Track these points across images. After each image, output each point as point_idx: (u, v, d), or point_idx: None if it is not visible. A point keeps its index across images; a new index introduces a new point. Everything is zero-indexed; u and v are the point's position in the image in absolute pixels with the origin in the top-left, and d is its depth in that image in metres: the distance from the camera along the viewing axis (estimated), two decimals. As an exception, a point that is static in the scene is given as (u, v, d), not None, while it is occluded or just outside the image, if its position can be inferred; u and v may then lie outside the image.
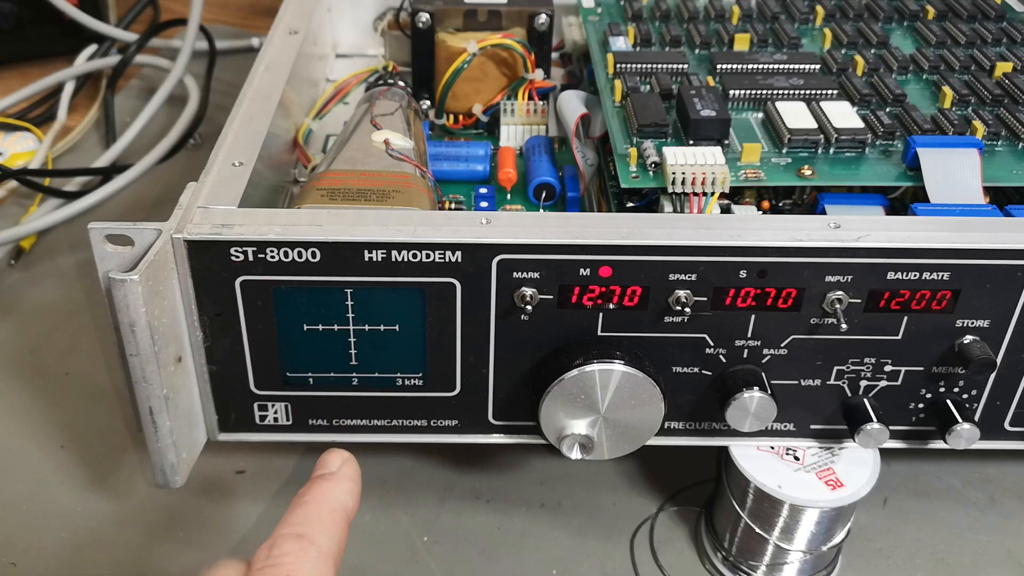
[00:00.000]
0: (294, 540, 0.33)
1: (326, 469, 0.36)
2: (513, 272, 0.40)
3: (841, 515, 0.44)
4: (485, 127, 0.61)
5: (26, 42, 0.86)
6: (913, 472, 0.52)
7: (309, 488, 0.35)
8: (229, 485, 0.51)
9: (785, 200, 0.49)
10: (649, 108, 0.49)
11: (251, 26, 0.96)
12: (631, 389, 0.42)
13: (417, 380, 0.44)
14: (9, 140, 0.77)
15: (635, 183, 0.46)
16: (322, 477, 0.36)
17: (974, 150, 0.46)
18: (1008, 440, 0.46)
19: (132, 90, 0.85)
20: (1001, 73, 0.54)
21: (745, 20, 0.62)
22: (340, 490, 0.35)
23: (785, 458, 0.45)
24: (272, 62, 0.54)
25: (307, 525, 0.33)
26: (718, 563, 0.47)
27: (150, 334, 0.38)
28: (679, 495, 0.50)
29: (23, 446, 0.52)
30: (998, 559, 0.48)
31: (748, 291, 0.41)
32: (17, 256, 0.66)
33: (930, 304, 0.41)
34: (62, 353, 0.58)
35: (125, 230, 0.39)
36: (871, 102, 0.52)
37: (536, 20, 0.60)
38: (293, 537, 0.33)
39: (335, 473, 0.36)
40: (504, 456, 0.52)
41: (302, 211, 0.42)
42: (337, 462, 0.37)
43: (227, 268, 0.40)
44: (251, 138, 0.47)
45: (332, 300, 0.41)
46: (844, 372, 0.43)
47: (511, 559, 0.47)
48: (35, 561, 0.47)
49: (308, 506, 0.34)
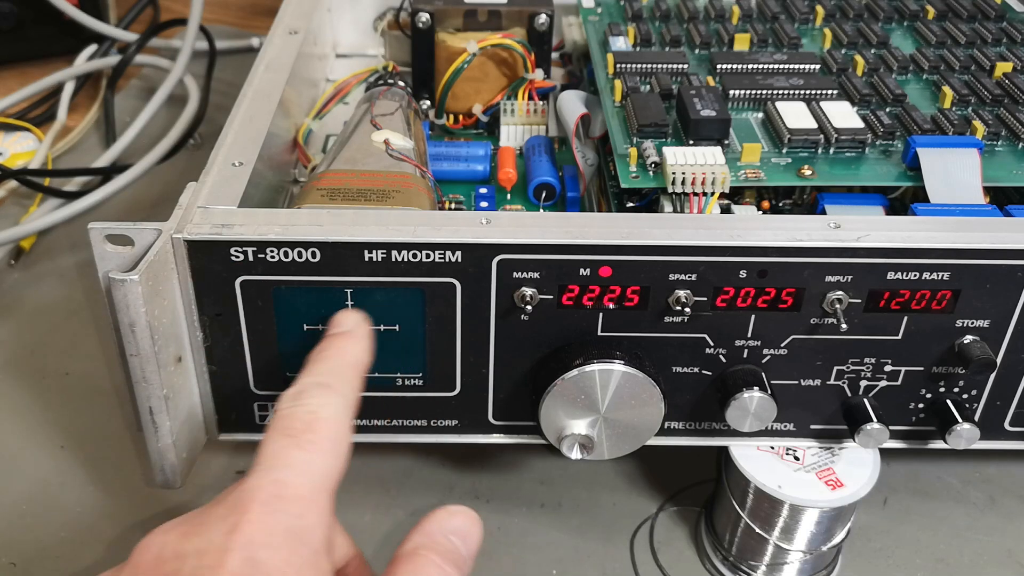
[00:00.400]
0: (318, 387, 0.35)
1: (341, 327, 0.39)
2: (513, 272, 0.40)
3: (841, 515, 0.44)
4: (485, 127, 0.61)
5: (26, 42, 0.86)
6: (913, 472, 0.52)
7: (329, 344, 0.38)
8: (229, 485, 0.51)
9: (785, 200, 0.49)
10: (649, 108, 0.49)
11: (251, 26, 0.96)
12: (631, 389, 0.42)
13: (417, 380, 0.44)
14: (9, 140, 0.77)
15: (635, 183, 0.46)
16: (340, 335, 0.38)
17: (974, 150, 0.46)
18: (1008, 440, 0.46)
19: (132, 90, 0.85)
20: (1001, 73, 0.54)
21: (745, 20, 0.62)
22: (357, 347, 0.38)
23: (785, 458, 0.45)
24: (272, 62, 0.54)
25: (328, 375, 0.36)
26: (718, 563, 0.47)
27: (150, 334, 0.38)
28: (679, 495, 0.50)
29: (23, 446, 0.52)
30: (998, 559, 0.48)
31: (748, 291, 0.41)
32: (17, 256, 0.66)
33: (930, 304, 0.41)
34: (62, 353, 0.58)
35: (125, 230, 0.39)
36: (871, 102, 0.52)
37: (536, 20, 0.60)
38: (316, 385, 0.35)
39: (351, 331, 0.39)
40: (504, 456, 0.52)
41: (302, 211, 0.42)
42: (351, 322, 0.39)
43: (227, 268, 0.40)
44: (251, 138, 0.47)
45: (332, 300, 0.41)
46: (844, 372, 0.43)
47: (511, 559, 0.47)
48: (35, 561, 0.47)
49: (329, 360, 0.37)
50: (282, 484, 0.32)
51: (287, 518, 0.31)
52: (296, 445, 0.33)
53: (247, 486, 0.32)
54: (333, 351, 0.38)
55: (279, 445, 0.33)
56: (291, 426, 0.33)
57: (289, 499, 0.32)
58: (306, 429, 0.33)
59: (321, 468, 0.33)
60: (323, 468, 0.33)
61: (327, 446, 0.33)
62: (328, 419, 0.34)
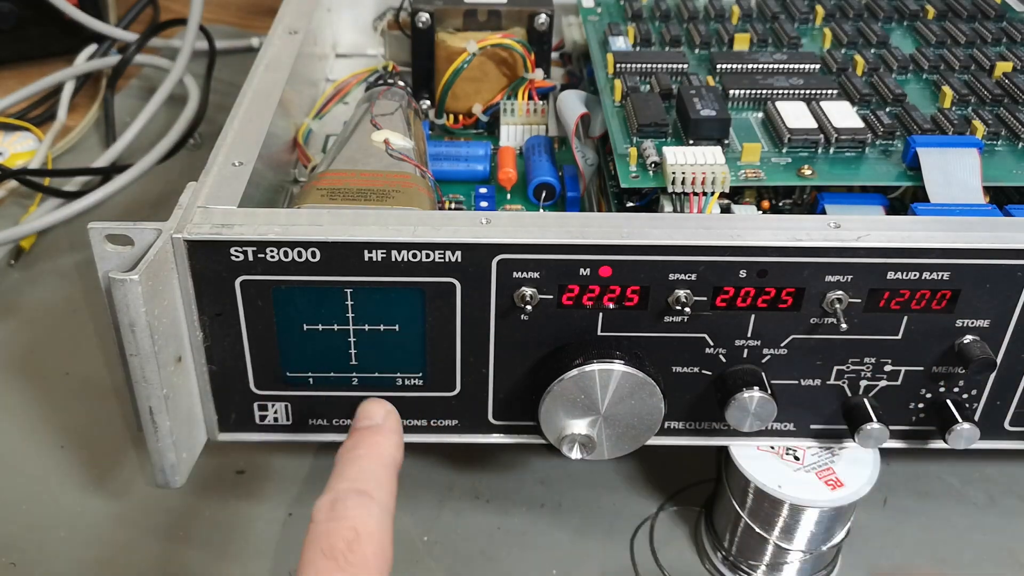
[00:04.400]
0: (356, 496, 0.33)
1: (370, 420, 0.37)
2: (513, 272, 0.40)
3: (841, 515, 0.44)
4: (485, 127, 0.61)
5: (26, 42, 0.86)
6: (913, 472, 0.52)
7: (359, 442, 0.36)
8: (229, 485, 0.51)
9: (785, 200, 0.49)
10: (649, 108, 0.49)
11: (251, 26, 0.96)
12: (631, 389, 0.42)
13: (417, 380, 0.44)
14: (9, 140, 0.77)
15: (635, 183, 0.46)
16: (369, 430, 0.36)
17: (974, 150, 0.46)
18: (1008, 440, 0.46)
19: (132, 90, 0.85)
20: (1001, 73, 0.54)
21: (745, 20, 0.62)
22: (389, 444, 0.36)
23: (785, 458, 0.45)
24: (272, 62, 0.54)
25: (365, 481, 0.34)
26: (718, 563, 0.47)
27: (150, 334, 0.38)
28: (679, 495, 0.50)
29: (23, 446, 0.52)
30: (998, 559, 0.48)
31: (748, 291, 0.41)
32: (17, 256, 0.66)
33: (930, 304, 0.41)
34: (62, 353, 0.58)
35: (125, 230, 0.39)
36: (871, 102, 0.52)
37: (536, 20, 0.60)
38: (354, 493, 0.33)
39: (381, 426, 0.36)
40: (504, 456, 0.52)
41: (302, 211, 0.42)
42: (380, 413, 0.37)
43: (227, 268, 0.40)
44: (251, 138, 0.47)
45: (332, 300, 0.41)
46: (844, 372, 0.43)
47: (511, 559, 0.47)
48: (35, 561, 0.47)
49: (362, 460, 0.35)
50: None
51: None
52: (339, 568, 0.31)
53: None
54: (365, 450, 0.35)
55: (322, 567, 0.31)
56: (334, 546, 0.31)
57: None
58: (349, 550, 0.31)
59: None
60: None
61: (373, 564, 0.32)
62: (371, 534, 0.32)
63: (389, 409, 0.37)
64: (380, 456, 0.35)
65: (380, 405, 0.37)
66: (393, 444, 0.36)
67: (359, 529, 0.32)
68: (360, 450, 0.35)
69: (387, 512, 0.33)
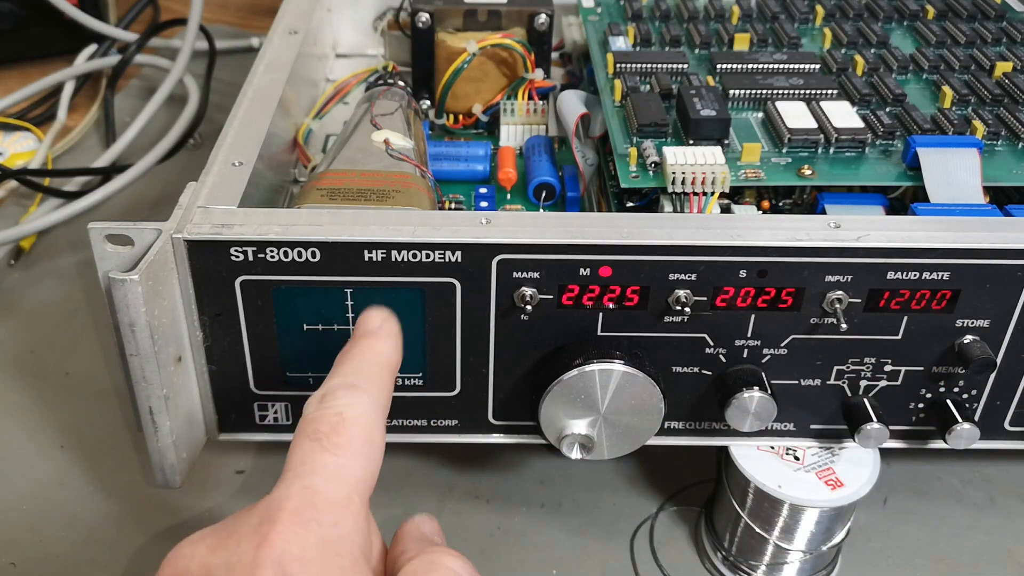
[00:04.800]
0: (345, 388, 0.34)
1: (368, 326, 0.37)
2: (513, 272, 0.40)
3: (841, 515, 0.44)
4: (485, 127, 0.61)
5: (26, 42, 0.86)
6: (913, 472, 0.52)
7: (355, 344, 0.36)
8: (229, 485, 0.51)
9: (785, 200, 0.49)
10: (649, 108, 0.49)
11: (251, 26, 0.96)
12: (631, 389, 0.42)
13: (417, 380, 0.44)
14: (9, 140, 0.77)
15: (635, 183, 0.46)
16: (365, 335, 0.37)
17: (974, 150, 0.46)
18: (1008, 440, 0.46)
19: (132, 90, 0.85)
20: (1001, 73, 0.54)
21: (745, 20, 0.62)
22: (385, 345, 0.36)
23: (785, 458, 0.45)
24: (272, 62, 0.54)
25: (356, 375, 0.34)
26: (718, 563, 0.47)
27: (150, 334, 0.38)
28: (679, 495, 0.50)
29: (23, 446, 0.52)
30: (998, 559, 0.48)
31: (748, 291, 0.41)
32: (17, 256, 0.66)
33: (930, 304, 0.41)
34: (62, 353, 0.58)
35: (125, 230, 0.39)
36: (871, 102, 0.52)
37: (536, 20, 0.60)
38: (344, 386, 0.34)
39: (378, 330, 0.37)
40: (504, 456, 0.52)
41: (302, 211, 0.42)
42: (378, 320, 0.37)
43: (227, 268, 0.40)
44: (251, 138, 0.47)
45: (332, 300, 0.41)
46: (844, 372, 0.43)
47: (511, 559, 0.47)
48: (35, 561, 0.47)
49: (356, 360, 0.35)
50: (312, 491, 0.30)
51: (320, 528, 0.30)
52: (324, 449, 0.31)
53: (276, 495, 0.30)
54: (359, 350, 0.36)
55: (306, 450, 0.32)
56: (318, 429, 0.32)
57: (322, 507, 0.30)
58: (333, 432, 0.32)
59: (353, 471, 0.32)
60: (355, 471, 0.32)
61: (357, 447, 0.32)
62: (357, 419, 0.33)
63: (386, 315, 0.38)
64: (375, 356, 0.36)
65: (378, 312, 0.38)
66: (389, 346, 0.37)
67: (344, 414, 0.32)
68: (355, 351, 0.36)
69: (377, 403, 0.34)
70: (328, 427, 0.32)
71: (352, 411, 0.33)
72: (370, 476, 0.32)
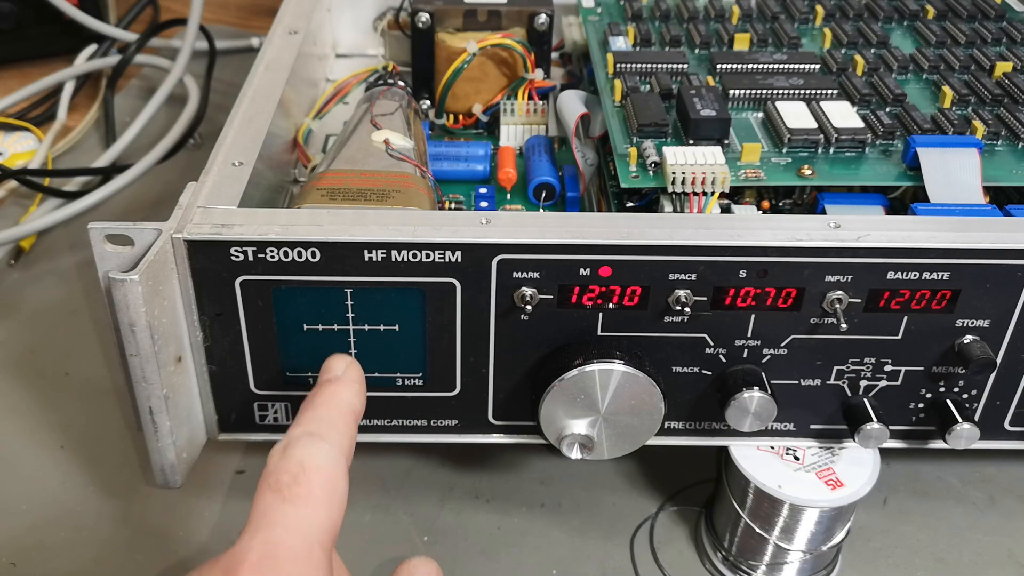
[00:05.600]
0: (307, 437, 0.34)
1: (331, 373, 0.38)
2: (513, 272, 0.40)
3: (841, 515, 0.44)
4: (485, 127, 0.61)
5: (26, 42, 0.86)
6: (913, 472, 0.52)
7: (317, 392, 0.37)
8: (229, 485, 0.51)
9: (785, 200, 0.49)
10: (649, 108, 0.49)
11: (251, 26, 0.96)
12: (631, 389, 0.42)
13: (417, 380, 0.44)
14: (9, 140, 0.77)
15: (635, 183, 0.46)
16: (329, 382, 0.37)
17: (974, 150, 0.46)
18: (1008, 440, 0.46)
19: (132, 90, 0.85)
20: (1001, 73, 0.54)
21: (745, 20, 0.62)
22: (347, 392, 0.37)
23: (785, 458, 0.45)
24: (272, 62, 0.54)
25: (317, 424, 0.35)
26: (718, 563, 0.47)
27: (150, 334, 0.38)
28: (679, 495, 0.50)
29: (23, 446, 0.52)
30: (998, 559, 0.48)
31: (748, 291, 0.41)
32: (17, 256, 0.66)
33: (930, 304, 0.41)
34: (62, 353, 0.58)
35: (125, 230, 0.39)
36: (871, 102, 0.52)
37: (536, 20, 0.60)
38: (306, 435, 0.34)
39: (341, 377, 0.38)
40: (504, 456, 0.52)
41: (302, 211, 0.42)
42: (341, 366, 0.38)
43: (227, 268, 0.40)
44: (251, 138, 0.47)
45: (332, 300, 0.41)
46: (844, 372, 0.43)
47: (511, 559, 0.47)
48: (35, 561, 0.47)
49: (318, 408, 0.36)
50: (272, 544, 0.30)
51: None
52: (285, 500, 0.32)
53: (238, 548, 0.31)
54: (321, 398, 0.36)
55: (268, 501, 0.32)
56: (279, 480, 0.32)
57: (281, 560, 0.30)
58: (294, 482, 0.32)
59: (313, 521, 0.32)
60: (315, 521, 0.32)
61: (319, 495, 0.32)
62: (319, 468, 0.33)
63: (350, 361, 0.38)
64: (337, 404, 0.36)
65: (341, 359, 0.38)
66: (351, 392, 0.37)
67: (305, 463, 0.33)
68: (317, 399, 0.36)
69: (339, 451, 0.34)
70: (289, 477, 0.32)
71: (313, 460, 0.33)
72: (333, 524, 0.32)
